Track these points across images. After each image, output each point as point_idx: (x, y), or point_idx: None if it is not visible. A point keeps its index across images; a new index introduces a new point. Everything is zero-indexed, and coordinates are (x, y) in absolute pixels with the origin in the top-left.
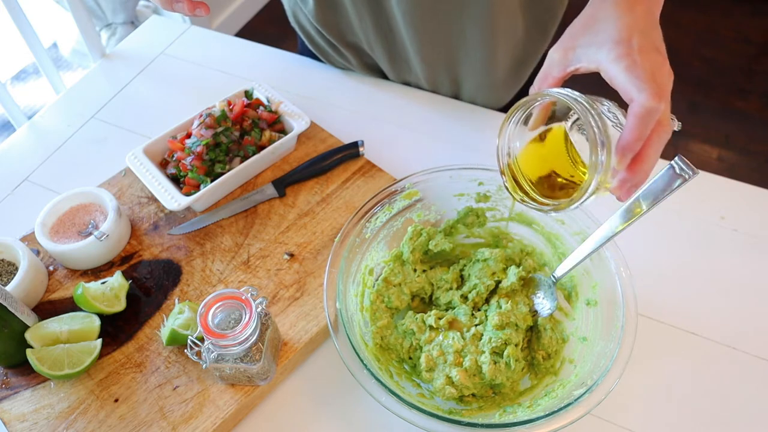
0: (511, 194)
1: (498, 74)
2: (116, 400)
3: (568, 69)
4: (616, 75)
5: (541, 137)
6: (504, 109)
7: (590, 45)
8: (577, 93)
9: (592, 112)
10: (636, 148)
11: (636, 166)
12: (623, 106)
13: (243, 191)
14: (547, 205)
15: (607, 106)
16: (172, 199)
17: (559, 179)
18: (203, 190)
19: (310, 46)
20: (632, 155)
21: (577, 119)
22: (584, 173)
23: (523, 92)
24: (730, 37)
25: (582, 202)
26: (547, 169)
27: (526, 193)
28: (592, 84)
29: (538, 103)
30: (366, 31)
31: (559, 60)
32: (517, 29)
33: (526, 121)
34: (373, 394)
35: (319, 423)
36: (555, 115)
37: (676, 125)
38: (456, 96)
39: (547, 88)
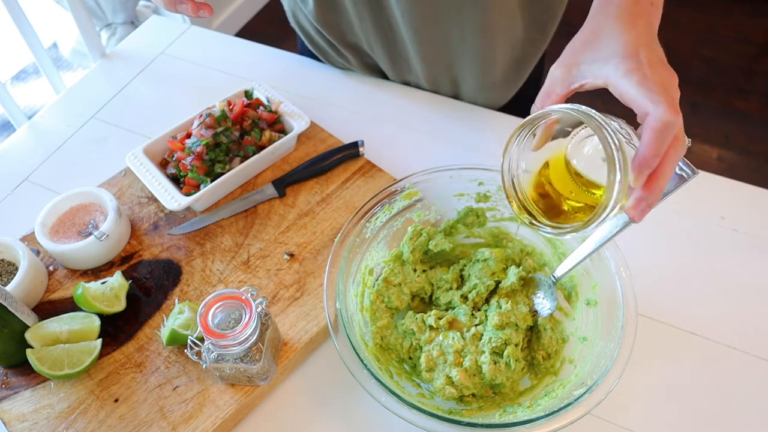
0: (518, 217)
1: (497, 74)
2: (116, 400)
3: (573, 86)
4: (627, 90)
5: (545, 163)
6: (504, 109)
7: (595, 60)
8: (590, 108)
9: (608, 128)
10: (654, 164)
11: (652, 183)
12: (630, 123)
13: (243, 191)
14: (561, 228)
15: (617, 123)
16: (172, 199)
17: (570, 201)
18: (203, 190)
19: (310, 47)
20: (649, 172)
21: (590, 135)
22: (591, 193)
23: (523, 91)
24: (730, 37)
25: (599, 224)
26: (552, 192)
27: (534, 216)
28: (589, 101)
29: (543, 121)
30: (366, 31)
31: (562, 77)
32: (516, 29)
33: (533, 137)
34: (373, 394)
35: (319, 423)
36: (557, 135)
37: (687, 141)
38: (456, 96)
39: (550, 105)
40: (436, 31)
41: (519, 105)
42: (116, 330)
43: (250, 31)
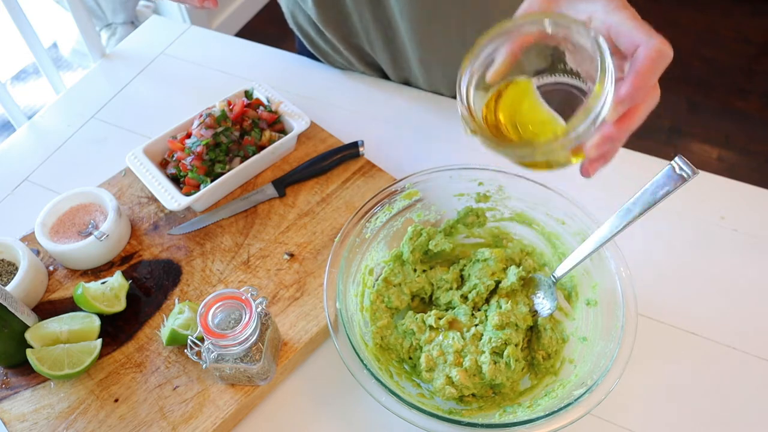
0: (465, 124)
1: None
2: (116, 400)
3: None
4: (619, 22)
5: (504, 86)
6: None
7: (579, 1)
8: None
9: (601, 36)
10: (639, 96)
11: (624, 122)
12: None
13: (243, 191)
14: (518, 144)
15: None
16: (172, 199)
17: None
18: (203, 190)
19: (309, 48)
20: (631, 105)
21: (544, 83)
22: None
23: None
24: (730, 37)
25: (579, 130)
26: (508, 118)
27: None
28: None
29: (516, 34)
30: (367, 29)
31: (540, 6)
32: None
33: (490, 64)
34: (373, 394)
35: (319, 423)
36: (515, 71)
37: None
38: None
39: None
40: (436, 28)
41: None
42: (116, 330)
43: (250, 31)
